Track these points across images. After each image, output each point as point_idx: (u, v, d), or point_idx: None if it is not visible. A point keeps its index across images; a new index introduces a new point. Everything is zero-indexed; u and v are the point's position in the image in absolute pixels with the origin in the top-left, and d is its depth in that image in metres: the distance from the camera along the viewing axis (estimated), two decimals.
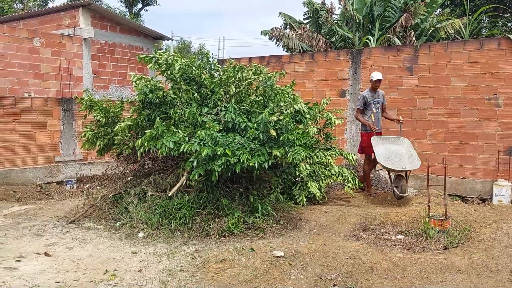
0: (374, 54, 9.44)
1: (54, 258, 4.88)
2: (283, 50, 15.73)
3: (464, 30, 13.12)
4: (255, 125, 5.92)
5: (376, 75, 7.87)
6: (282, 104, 6.04)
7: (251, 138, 5.87)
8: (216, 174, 5.56)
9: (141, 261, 4.73)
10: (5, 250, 5.09)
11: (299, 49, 14.41)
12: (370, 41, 13.13)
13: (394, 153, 7.40)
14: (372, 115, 7.85)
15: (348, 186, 7.19)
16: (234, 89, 6.43)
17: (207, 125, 5.86)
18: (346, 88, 9.61)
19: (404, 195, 7.13)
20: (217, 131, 5.78)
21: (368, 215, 6.36)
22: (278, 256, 4.63)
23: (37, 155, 8.94)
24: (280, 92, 6.32)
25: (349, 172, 7.40)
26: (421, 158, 8.51)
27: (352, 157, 7.59)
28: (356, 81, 9.64)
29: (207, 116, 6.21)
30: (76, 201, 7.24)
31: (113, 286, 4.04)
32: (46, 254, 4.99)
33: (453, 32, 13.91)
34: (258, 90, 6.76)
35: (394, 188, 7.26)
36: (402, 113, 8.94)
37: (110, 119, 6.82)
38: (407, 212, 6.26)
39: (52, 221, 6.40)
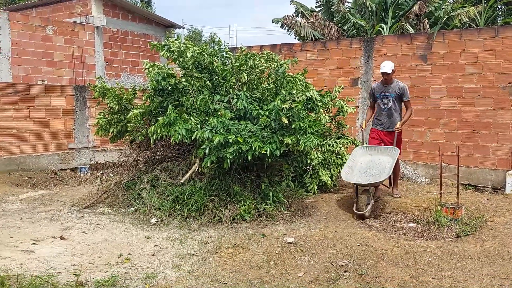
0: (387, 42, 9.36)
1: (70, 242, 4.98)
2: (295, 38, 15.66)
3: (479, 18, 12.93)
4: (266, 112, 5.94)
5: (382, 67, 6.59)
6: (294, 91, 6.03)
7: (262, 125, 5.89)
8: (228, 161, 5.60)
9: (154, 246, 4.80)
10: (22, 233, 5.19)
11: (311, 37, 14.33)
12: (383, 29, 13.00)
13: (377, 165, 6.25)
14: (381, 111, 6.71)
15: None
16: (246, 77, 6.43)
17: (219, 113, 5.89)
18: (358, 77, 9.56)
19: (360, 212, 5.83)
20: (229, 119, 5.81)
21: (380, 203, 6.37)
22: (289, 243, 4.67)
23: (51, 142, 9.05)
24: (292, 79, 6.32)
25: None
26: (434, 147, 8.48)
27: None
28: (369, 70, 9.58)
29: (219, 104, 6.24)
30: (90, 187, 7.34)
31: (128, 269, 4.11)
32: (62, 238, 5.08)
33: (467, 20, 13.71)
34: (270, 78, 6.75)
35: (354, 203, 6.07)
36: (415, 102, 8.87)
37: (123, 106, 6.88)
38: (418, 201, 6.26)
39: (67, 206, 6.51)
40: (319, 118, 6.49)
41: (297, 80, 6.38)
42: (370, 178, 6.03)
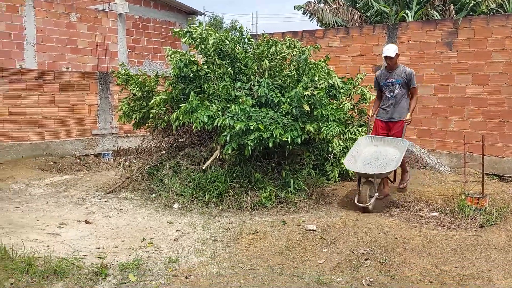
0: (411, 28, 9.17)
1: (94, 225, 5.08)
2: (317, 25, 15.48)
3: (507, 4, 12.54)
4: (288, 99, 5.91)
5: (384, 51, 6.02)
6: (316, 78, 5.98)
7: (284, 113, 5.87)
8: (249, 148, 5.62)
9: (176, 231, 4.87)
10: (48, 217, 5.33)
11: (333, 24, 14.13)
12: (407, 15, 12.74)
13: (383, 157, 5.84)
14: (387, 100, 6.17)
15: None
16: (267, 64, 6.41)
17: (240, 100, 5.89)
18: (381, 64, 9.41)
19: (362, 205, 5.51)
20: (250, 106, 5.81)
21: (402, 192, 6.31)
22: (310, 230, 4.67)
23: (75, 128, 9.21)
24: (314, 66, 6.26)
25: None
26: (458, 136, 8.32)
27: None
28: None
29: (240, 91, 6.23)
30: (113, 173, 7.46)
31: (151, 253, 4.18)
32: (86, 222, 5.20)
33: (495, 6, 13.29)
34: (291, 65, 6.71)
35: (356, 195, 5.73)
36: (440, 90, 8.71)
37: (145, 93, 6.94)
38: (442, 190, 6.17)
39: (91, 191, 6.64)
40: (341, 106, 6.43)
41: (319, 67, 6.32)
42: (375, 169, 5.68)
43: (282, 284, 3.64)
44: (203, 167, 6.15)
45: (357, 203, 5.56)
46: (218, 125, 5.72)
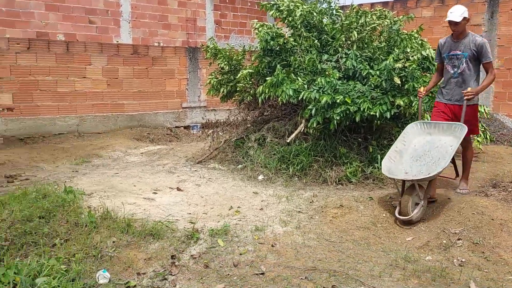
0: None
1: (185, 193, 5.36)
2: None
3: None
4: (377, 72, 5.71)
5: (449, 14, 4.85)
6: (408, 50, 5.71)
7: (372, 86, 5.69)
8: (335, 122, 5.55)
9: (262, 201, 4.99)
10: (143, 183, 5.71)
11: None
12: None
13: (437, 149, 4.56)
14: (449, 78, 4.90)
15: (478, 140, 6.67)
16: (356, 35, 6.21)
17: (326, 73, 5.80)
18: (480, 35, 8.73)
19: (402, 217, 4.25)
20: (336, 79, 5.70)
21: (499, 171, 5.90)
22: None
23: (166, 101, 9.68)
24: (406, 37, 5.97)
25: (480, 125, 6.84)
26: None
27: (484, 109, 6.97)
28: (492, 27, 8.69)
29: (326, 63, 6.13)
30: (202, 144, 7.78)
31: (238, 221, 4.34)
32: (178, 189, 5.50)
33: None
34: (382, 36, 6.45)
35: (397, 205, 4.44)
36: None
37: (232, 66, 7.08)
38: None
39: (182, 161, 6.98)
40: None
41: (413, 37, 6.02)
42: (423, 169, 4.44)
43: (368, 259, 3.62)
44: (287, 141, 6.19)
45: (398, 215, 4.28)
46: (304, 98, 5.69)
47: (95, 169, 6.37)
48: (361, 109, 5.40)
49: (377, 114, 5.39)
